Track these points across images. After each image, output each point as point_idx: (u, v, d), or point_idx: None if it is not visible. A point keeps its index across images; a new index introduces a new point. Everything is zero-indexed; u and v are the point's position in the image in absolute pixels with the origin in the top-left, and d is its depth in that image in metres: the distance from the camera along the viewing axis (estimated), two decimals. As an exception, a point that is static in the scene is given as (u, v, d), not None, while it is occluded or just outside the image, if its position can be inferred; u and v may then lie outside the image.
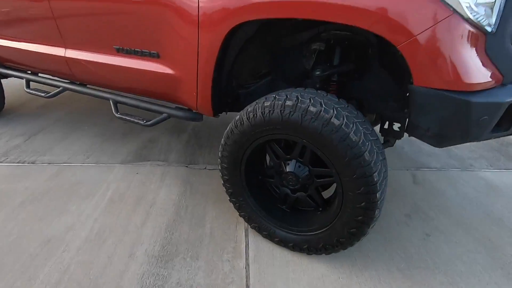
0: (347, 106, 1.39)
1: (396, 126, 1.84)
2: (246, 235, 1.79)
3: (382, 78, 1.72)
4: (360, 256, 1.69)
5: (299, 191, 1.62)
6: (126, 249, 1.67)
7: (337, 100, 1.40)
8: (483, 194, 2.33)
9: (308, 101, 1.34)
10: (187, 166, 2.50)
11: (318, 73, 1.65)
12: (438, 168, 2.71)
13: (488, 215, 2.10)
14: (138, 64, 1.81)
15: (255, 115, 1.44)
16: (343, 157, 1.27)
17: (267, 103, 1.41)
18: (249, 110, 1.47)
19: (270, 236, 1.71)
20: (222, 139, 1.63)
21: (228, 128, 1.59)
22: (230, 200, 1.78)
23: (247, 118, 1.47)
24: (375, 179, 1.27)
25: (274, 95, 1.44)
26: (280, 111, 1.36)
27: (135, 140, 2.91)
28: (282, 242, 1.67)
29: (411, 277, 1.59)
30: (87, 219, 1.88)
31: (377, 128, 1.92)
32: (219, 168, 1.72)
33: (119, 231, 1.79)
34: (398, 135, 1.82)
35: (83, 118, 3.35)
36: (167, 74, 1.73)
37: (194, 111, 1.86)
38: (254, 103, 1.50)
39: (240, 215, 1.79)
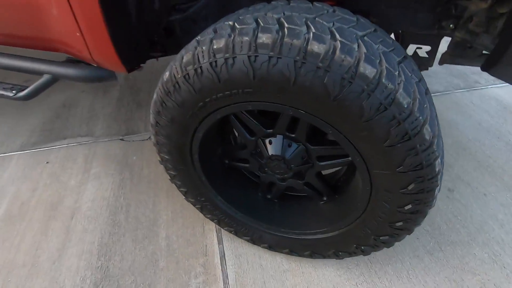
0: (376, 31, 0.71)
1: (424, 50, 1.21)
2: (220, 242, 1.25)
3: (411, -31, 0.99)
4: (379, 245, 1.24)
5: (291, 179, 1.03)
6: (37, 304, 1.08)
7: (355, 19, 0.71)
8: (499, 120, 1.93)
9: (305, 28, 0.63)
10: (122, 139, 1.77)
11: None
12: (442, 92, 2.22)
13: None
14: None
15: (199, 69, 0.72)
16: (381, 140, 0.66)
17: (218, 43, 0.69)
18: (185, 60, 0.74)
19: (254, 242, 1.18)
20: (150, 113, 0.92)
21: (154, 95, 0.87)
22: (187, 200, 1.17)
23: (185, 77, 0.75)
24: (436, 170, 0.70)
25: (231, 22, 0.71)
26: (249, 58, 0.65)
27: (41, 109, 2.03)
28: (273, 248, 1.16)
29: (445, 260, 1.20)
30: (-32, 261, 1.21)
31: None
32: (159, 159, 1.05)
33: (22, 272, 1.16)
34: (426, 63, 1.21)
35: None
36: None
37: (94, 65, 1.06)
38: (194, 43, 0.76)
39: (206, 217, 1.22)
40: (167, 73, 0.79)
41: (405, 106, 0.62)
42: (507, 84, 2.29)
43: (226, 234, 1.26)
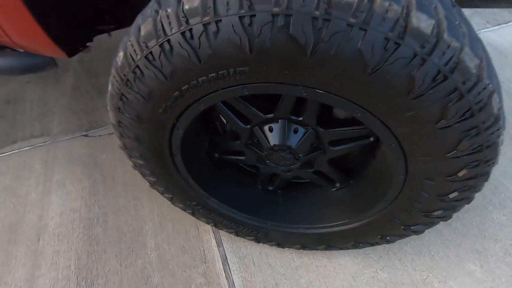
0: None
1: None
2: (219, 244, 1.09)
3: None
4: (395, 223, 1.13)
5: (298, 169, 0.86)
6: None
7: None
8: (496, 67, 1.77)
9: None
10: (86, 135, 1.51)
11: None
12: (434, 42, 2.05)
13: (513, 96, 1.61)
14: None
15: (166, 45, 0.49)
16: (433, 120, 0.48)
17: (191, 1, 0.45)
18: (144, 33, 0.51)
19: (259, 241, 1.03)
20: (109, 111, 0.69)
21: (109, 86, 0.63)
22: (175, 205, 0.98)
23: (147, 58, 0.52)
24: (497, 150, 0.54)
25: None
26: (240, 20, 0.43)
27: (-21, 107, 1.69)
28: (282, 246, 1.02)
29: (465, 230, 1.11)
30: None
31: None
32: (132, 165, 0.84)
33: (-13, 316, 0.97)
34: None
35: None
36: None
37: (20, 50, 0.78)
38: (153, 4, 0.52)
39: (201, 221, 1.04)
40: (120, 54, 0.56)
41: (473, 71, 0.43)
42: (499, 26, 2.17)
43: (225, 234, 1.10)
